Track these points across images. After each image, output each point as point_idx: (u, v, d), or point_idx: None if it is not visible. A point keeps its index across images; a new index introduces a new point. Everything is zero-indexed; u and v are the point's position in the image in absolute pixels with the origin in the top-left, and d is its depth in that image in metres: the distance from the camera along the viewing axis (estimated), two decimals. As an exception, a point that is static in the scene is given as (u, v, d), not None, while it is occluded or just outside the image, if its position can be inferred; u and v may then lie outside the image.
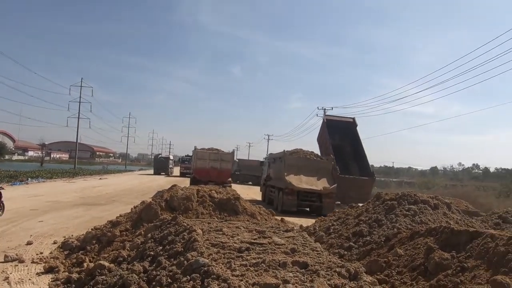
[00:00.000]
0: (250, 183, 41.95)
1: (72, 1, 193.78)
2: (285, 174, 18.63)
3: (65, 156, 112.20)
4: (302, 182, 18.53)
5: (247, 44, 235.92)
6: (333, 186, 18.53)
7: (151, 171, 60.16)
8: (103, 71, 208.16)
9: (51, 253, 7.83)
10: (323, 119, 25.73)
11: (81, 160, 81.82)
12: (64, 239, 8.66)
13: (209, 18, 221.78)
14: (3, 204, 13.13)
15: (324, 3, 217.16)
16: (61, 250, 7.96)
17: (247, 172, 43.98)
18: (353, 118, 25.43)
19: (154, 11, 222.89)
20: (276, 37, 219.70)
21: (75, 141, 61.89)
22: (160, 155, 64.99)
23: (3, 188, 14.17)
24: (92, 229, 8.79)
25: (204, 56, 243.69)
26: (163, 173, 54.74)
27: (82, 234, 8.65)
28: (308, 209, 19.53)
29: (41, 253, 7.98)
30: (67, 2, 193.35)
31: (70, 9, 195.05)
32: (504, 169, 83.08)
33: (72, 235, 9.23)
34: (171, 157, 62.16)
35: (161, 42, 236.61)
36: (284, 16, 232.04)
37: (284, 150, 20.20)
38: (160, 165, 56.43)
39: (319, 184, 18.59)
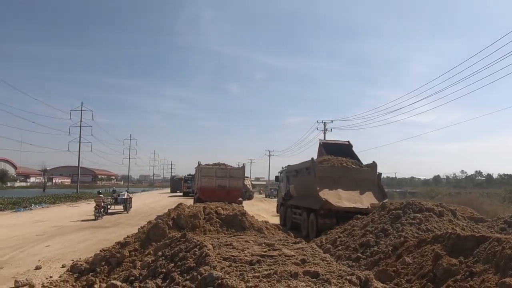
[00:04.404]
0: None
1: (68, 27, 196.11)
2: (318, 189, 14.56)
3: (67, 180, 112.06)
4: (342, 199, 14.43)
5: (243, 61, 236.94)
6: (384, 201, 13.01)
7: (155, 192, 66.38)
8: (101, 94, 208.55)
9: (60, 276, 7.86)
10: (320, 143, 24.97)
11: (83, 184, 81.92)
12: (73, 263, 8.66)
13: (204, 37, 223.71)
14: (131, 206, 22.87)
15: (317, 19, 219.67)
16: (71, 273, 7.96)
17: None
18: (348, 141, 24.26)
19: (151, 32, 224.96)
20: (271, 53, 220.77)
21: (76, 165, 61.82)
22: (175, 177, 76.84)
23: (131, 197, 25.13)
24: (100, 251, 8.83)
25: (200, 76, 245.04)
26: (179, 191, 62.03)
27: (91, 257, 8.66)
28: None
29: (51, 277, 8.06)
30: (63, 28, 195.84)
31: (65, 34, 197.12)
32: (507, 174, 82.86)
33: (80, 258, 9.25)
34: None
35: (157, 63, 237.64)
36: (278, 32, 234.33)
37: (312, 158, 16.31)
38: (176, 185, 66.91)
39: (364, 201, 14.44)
